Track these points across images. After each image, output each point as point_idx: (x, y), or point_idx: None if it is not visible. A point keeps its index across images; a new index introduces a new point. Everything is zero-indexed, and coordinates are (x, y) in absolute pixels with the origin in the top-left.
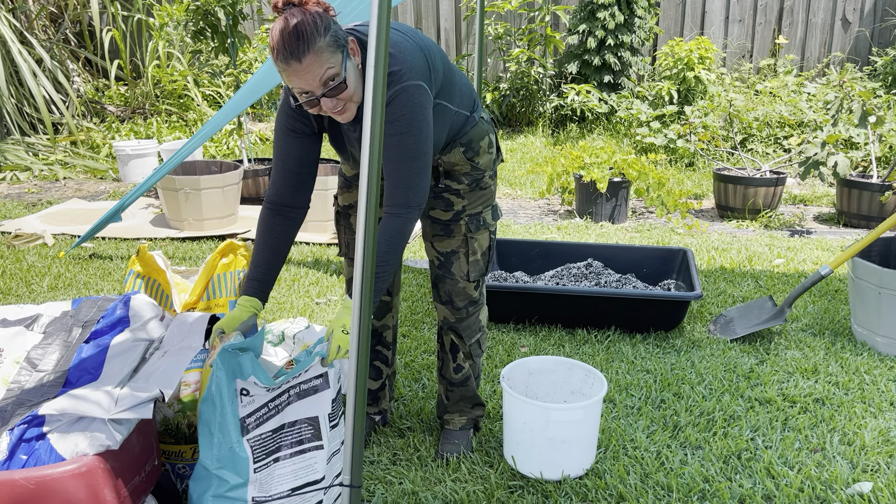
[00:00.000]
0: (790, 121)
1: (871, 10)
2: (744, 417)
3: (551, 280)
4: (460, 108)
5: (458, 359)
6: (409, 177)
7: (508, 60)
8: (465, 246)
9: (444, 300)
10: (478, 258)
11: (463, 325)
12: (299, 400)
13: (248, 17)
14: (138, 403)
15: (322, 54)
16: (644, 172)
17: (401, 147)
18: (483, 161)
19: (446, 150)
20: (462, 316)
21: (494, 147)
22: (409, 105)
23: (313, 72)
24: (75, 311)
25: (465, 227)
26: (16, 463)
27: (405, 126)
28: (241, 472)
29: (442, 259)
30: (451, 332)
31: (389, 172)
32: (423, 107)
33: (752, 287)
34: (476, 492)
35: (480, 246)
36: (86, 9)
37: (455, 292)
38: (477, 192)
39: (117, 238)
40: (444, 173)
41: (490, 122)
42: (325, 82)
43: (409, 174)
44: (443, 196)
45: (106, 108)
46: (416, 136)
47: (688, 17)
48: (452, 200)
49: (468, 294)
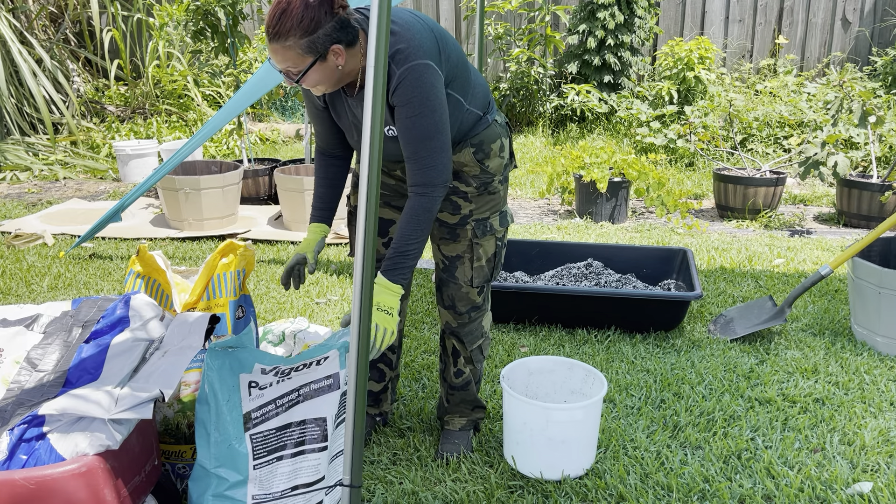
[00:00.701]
0: (790, 121)
1: (871, 10)
2: (744, 417)
3: (551, 280)
4: (472, 105)
5: (458, 363)
6: (429, 156)
7: (508, 60)
8: (471, 251)
9: (446, 304)
10: (482, 264)
11: (465, 330)
12: (307, 400)
13: (248, 17)
14: (138, 403)
15: (289, 51)
16: (644, 172)
17: (417, 128)
18: (493, 164)
19: (456, 149)
20: (464, 321)
21: (507, 152)
22: (419, 85)
23: (279, 57)
24: (75, 311)
25: (471, 231)
26: (16, 463)
27: (418, 107)
28: (240, 469)
29: (447, 263)
30: (452, 336)
31: (409, 154)
32: (433, 85)
33: (752, 287)
34: (476, 492)
35: (486, 252)
36: (86, 9)
37: (458, 297)
38: (485, 197)
39: (117, 238)
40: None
41: (505, 125)
42: (285, 70)
43: (428, 153)
44: (450, 199)
45: (106, 108)
46: (429, 115)
47: (688, 17)
48: (460, 204)
49: (471, 299)
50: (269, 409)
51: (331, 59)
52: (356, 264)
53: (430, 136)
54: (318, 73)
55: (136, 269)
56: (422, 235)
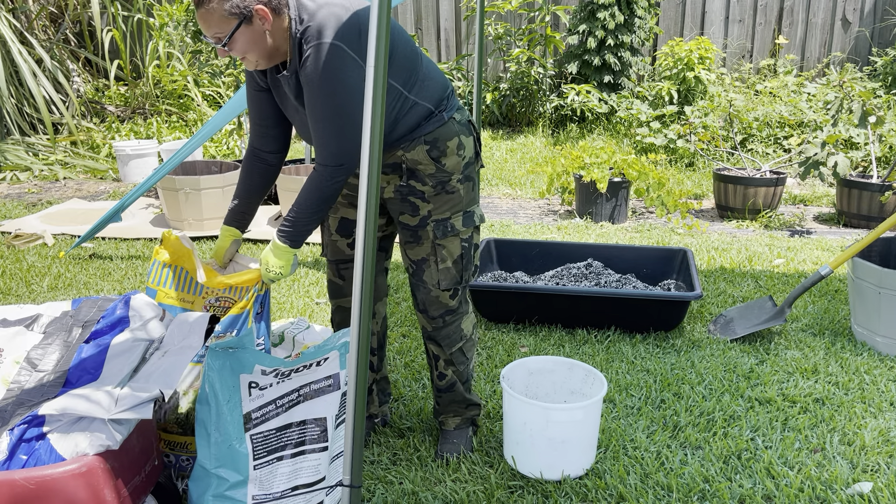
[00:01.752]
0: (790, 121)
1: (871, 10)
2: (744, 417)
3: (551, 280)
4: (419, 97)
5: (439, 366)
6: (325, 136)
7: (508, 60)
8: (435, 253)
9: (420, 308)
10: (448, 266)
11: (441, 334)
12: (308, 400)
13: None
14: (138, 403)
15: (212, 15)
16: (644, 172)
17: (317, 107)
18: (450, 163)
19: (410, 146)
20: (438, 325)
21: (467, 150)
22: (317, 65)
23: (205, 24)
24: (75, 311)
25: (431, 233)
26: (16, 463)
27: (316, 87)
28: (240, 470)
29: (414, 267)
30: (430, 341)
31: (312, 130)
32: (337, 68)
33: (752, 287)
34: (476, 492)
35: (450, 253)
36: (86, 9)
37: (428, 301)
38: (443, 196)
39: (117, 238)
40: (407, 171)
41: (466, 124)
42: (213, 37)
43: (325, 134)
44: (409, 200)
45: (106, 108)
46: (329, 96)
47: (688, 17)
48: (418, 205)
49: (443, 303)
50: (270, 409)
51: (256, 22)
52: (356, 264)
53: (328, 118)
54: (245, 38)
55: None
56: (311, 207)
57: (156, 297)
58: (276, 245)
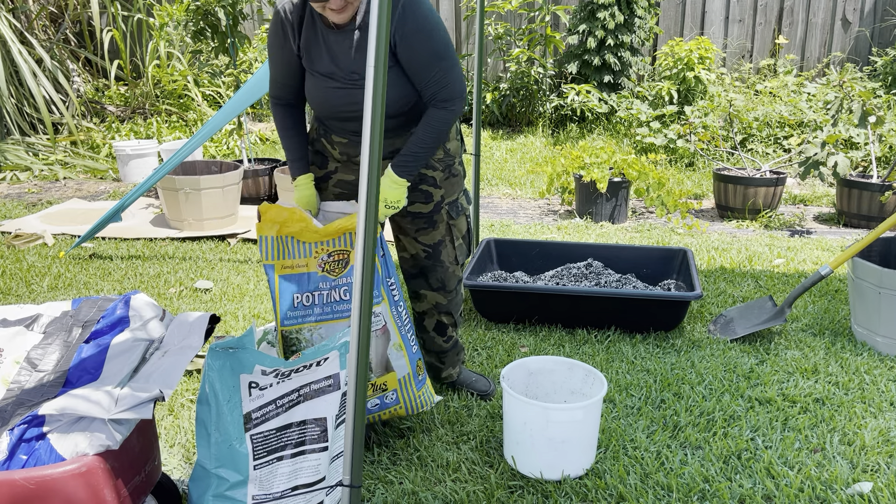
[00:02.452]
0: (790, 121)
1: (871, 10)
2: (744, 417)
3: (551, 280)
4: None
5: (447, 332)
6: (443, 76)
7: (508, 60)
8: (450, 234)
9: (435, 287)
10: (461, 242)
11: (454, 303)
12: (308, 400)
13: (248, 17)
14: (138, 403)
15: None
16: (644, 172)
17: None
18: (452, 147)
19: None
20: (452, 297)
21: (459, 135)
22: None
23: None
24: (75, 311)
25: (446, 215)
26: (16, 463)
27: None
28: (240, 470)
29: (430, 250)
30: (442, 314)
31: (422, 80)
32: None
33: (752, 287)
34: (476, 492)
35: (460, 231)
36: (86, 9)
37: (447, 277)
38: (451, 180)
39: (117, 238)
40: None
41: None
42: None
43: (444, 73)
44: (419, 189)
45: (106, 108)
46: (434, 38)
47: (688, 17)
48: (431, 192)
49: (457, 275)
50: (270, 409)
51: None
52: (356, 264)
53: (442, 56)
54: None
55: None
56: (434, 143)
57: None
58: (394, 180)
